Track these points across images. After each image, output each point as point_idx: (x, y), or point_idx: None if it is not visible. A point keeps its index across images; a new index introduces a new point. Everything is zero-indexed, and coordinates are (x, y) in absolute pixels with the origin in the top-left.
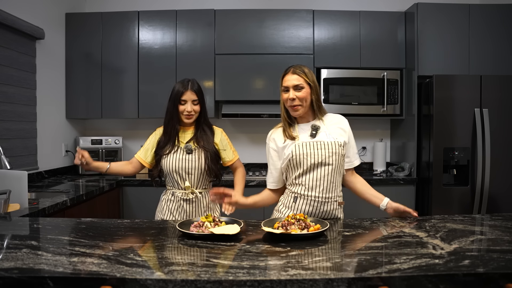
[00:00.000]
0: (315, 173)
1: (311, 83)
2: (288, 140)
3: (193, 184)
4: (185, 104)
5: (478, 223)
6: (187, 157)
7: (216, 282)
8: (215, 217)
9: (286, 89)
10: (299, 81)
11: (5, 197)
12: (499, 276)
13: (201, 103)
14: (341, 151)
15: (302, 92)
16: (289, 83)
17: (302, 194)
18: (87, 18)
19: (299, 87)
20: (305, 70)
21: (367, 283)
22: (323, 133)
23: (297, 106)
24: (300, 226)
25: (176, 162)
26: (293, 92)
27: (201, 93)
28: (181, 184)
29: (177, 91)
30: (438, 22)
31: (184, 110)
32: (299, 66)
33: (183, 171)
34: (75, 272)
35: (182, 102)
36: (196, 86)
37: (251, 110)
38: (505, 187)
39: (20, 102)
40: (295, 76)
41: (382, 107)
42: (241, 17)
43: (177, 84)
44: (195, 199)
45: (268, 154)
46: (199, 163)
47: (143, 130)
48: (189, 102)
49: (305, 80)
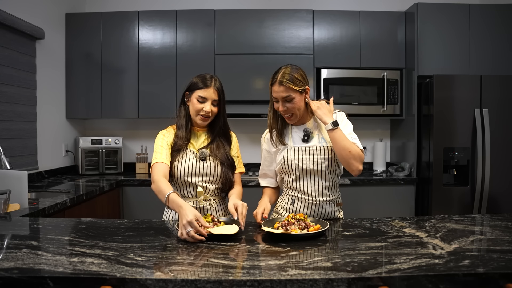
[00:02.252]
0: (308, 179)
1: (301, 90)
2: (280, 145)
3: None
4: (204, 102)
5: (478, 223)
6: (201, 164)
7: (216, 282)
8: (214, 217)
9: (276, 99)
10: (288, 93)
11: (5, 197)
12: (499, 276)
13: (221, 105)
14: (334, 155)
15: (292, 103)
16: (277, 95)
17: (300, 197)
18: (87, 18)
19: (288, 99)
20: (294, 76)
21: (367, 283)
22: (316, 137)
23: (289, 117)
24: (300, 226)
25: (188, 168)
26: (283, 104)
27: (223, 93)
28: (191, 191)
29: (195, 84)
30: (438, 22)
31: (202, 109)
32: (286, 74)
33: (195, 177)
34: (75, 272)
35: (200, 99)
36: (219, 84)
37: (251, 110)
38: (505, 187)
39: (20, 102)
40: (282, 87)
41: (382, 107)
42: (241, 17)
43: (196, 78)
44: (209, 206)
45: (263, 153)
46: (215, 171)
47: (143, 130)
48: (209, 101)
49: (294, 90)
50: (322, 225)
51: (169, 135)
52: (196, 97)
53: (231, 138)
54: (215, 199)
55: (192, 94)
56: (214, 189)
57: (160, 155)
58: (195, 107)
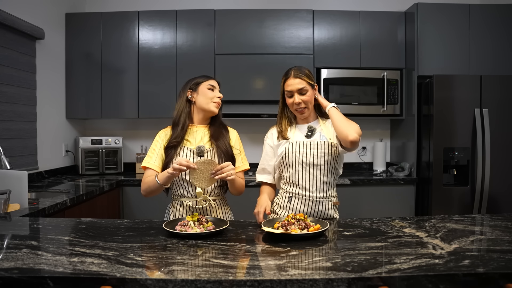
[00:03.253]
0: (308, 173)
1: (312, 83)
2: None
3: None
4: (214, 90)
5: (478, 223)
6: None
7: (216, 282)
8: (202, 216)
9: (290, 93)
10: (303, 85)
11: (5, 197)
12: (499, 276)
13: None
14: (334, 151)
15: (306, 95)
16: (292, 88)
17: (297, 193)
18: (87, 18)
19: (303, 90)
20: (306, 72)
21: (367, 283)
22: (318, 134)
23: (303, 109)
24: (300, 226)
25: None
26: (298, 97)
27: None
28: (191, 191)
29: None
30: (438, 22)
31: (214, 96)
32: (299, 69)
33: None
34: (75, 272)
35: (210, 87)
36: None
37: (251, 110)
38: (505, 187)
39: (20, 102)
40: (297, 80)
41: (382, 107)
42: (241, 17)
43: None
44: (209, 207)
45: (265, 148)
46: None
47: (143, 130)
48: (217, 89)
49: (307, 83)
50: (322, 225)
51: (165, 137)
52: (206, 87)
53: (229, 131)
54: (215, 199)
55: (199, 87)
56: (214, 188)
57: (150, 159)
58: (208, 95)
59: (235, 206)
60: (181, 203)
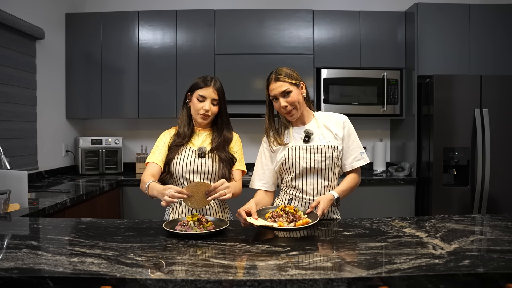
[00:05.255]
0: (309, 177)
1: (296, 83)
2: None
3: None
4: (204, 101)
5: (478, 223)
6: (199, 161)
7: (216, 282)
8: (202, 216)
9: (275, 98)
10: (285, 87)
11: (5, 197)
12: (499, 276)
13: (221, 104)
14: (335, 154)
15: (291, 96)
16: (275, 92)
17: (298, 196)
18: (87, 18)
19: (286, 92)
20: (287, 72)
21: (367, 283)
22: (317, 137)
23: (291, 111)
24: (288, 219)
25: (186, 165)
26: (283, 100)
27: (222, 93)
28: None
29: (196, 84)
30: (438, 22)
31: (201, 108)
32: (279, 70)
33: (193, 175)
34: (75, 272)
35: (200, 98)
36: (219, 85)
37: (251, 110)
38: (505, 187)
39: (20, 102)
40: (278, 83)
41: (382, 107)
42: (241, 17)
43: (198, 79)
44: (208, 206)
45: (261, 153)
46: (213, 168)
47: (143, 130)
48: (208, 100)
49: (290, 83)
50: (313, 219)
51: (169, 135)
52: (196, 97)
53: (232, 138)
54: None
55: (193, 94)
56: None
57: (153, 155)
58: (195, 106)
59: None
60: (181, 203)
